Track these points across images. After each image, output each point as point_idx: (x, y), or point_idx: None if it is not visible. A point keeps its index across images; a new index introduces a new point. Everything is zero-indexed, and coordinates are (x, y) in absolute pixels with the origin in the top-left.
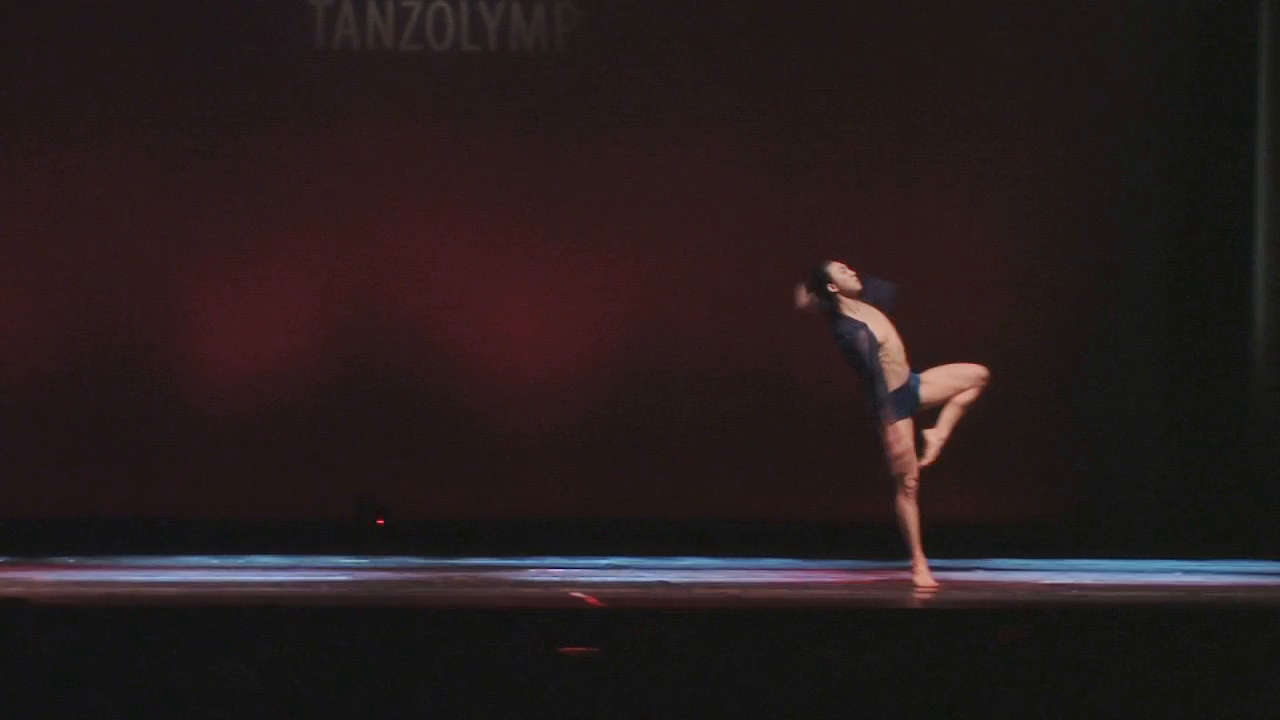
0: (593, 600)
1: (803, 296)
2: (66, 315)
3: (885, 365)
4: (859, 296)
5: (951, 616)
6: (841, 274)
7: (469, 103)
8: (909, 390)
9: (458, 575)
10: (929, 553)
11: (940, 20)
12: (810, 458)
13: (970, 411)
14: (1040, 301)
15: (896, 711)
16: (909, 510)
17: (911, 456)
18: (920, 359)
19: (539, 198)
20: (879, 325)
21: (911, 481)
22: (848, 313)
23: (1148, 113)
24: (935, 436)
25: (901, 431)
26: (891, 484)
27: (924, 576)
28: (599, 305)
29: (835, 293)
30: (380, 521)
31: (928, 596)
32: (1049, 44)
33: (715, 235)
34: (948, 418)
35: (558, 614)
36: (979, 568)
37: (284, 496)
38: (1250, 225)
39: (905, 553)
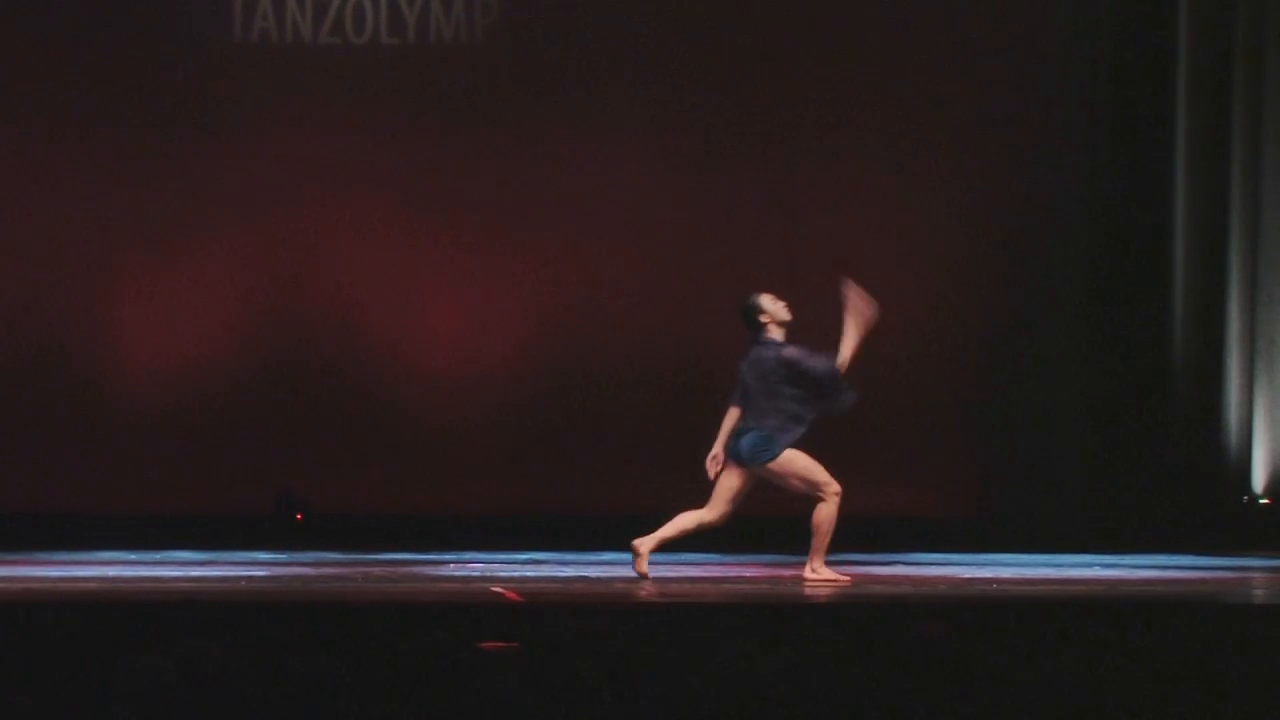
0: (513, 595)
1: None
2: None
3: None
4: (785, 327)
5: (870, 611)
6: (773, 304)
7: (389, 96)
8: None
9: (377, 570)
10: (850, 546)
11: (871, 26)
12: None
13: (891, 406)
14: (961, 298)
15: (816, 706)
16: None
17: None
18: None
19: (460, 192)
20: None
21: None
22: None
23: (1068, 112)
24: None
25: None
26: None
27: (830, 572)
28: (520, 300)
29: (766, 323)
30: (300, 517)
31: (843, 590)
32: (973, 51)
33: (640, 229)
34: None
35: (478, 609)
36: (898, 562)
37: (203, 491)
38: (1169, 224)
39: (808, 550)
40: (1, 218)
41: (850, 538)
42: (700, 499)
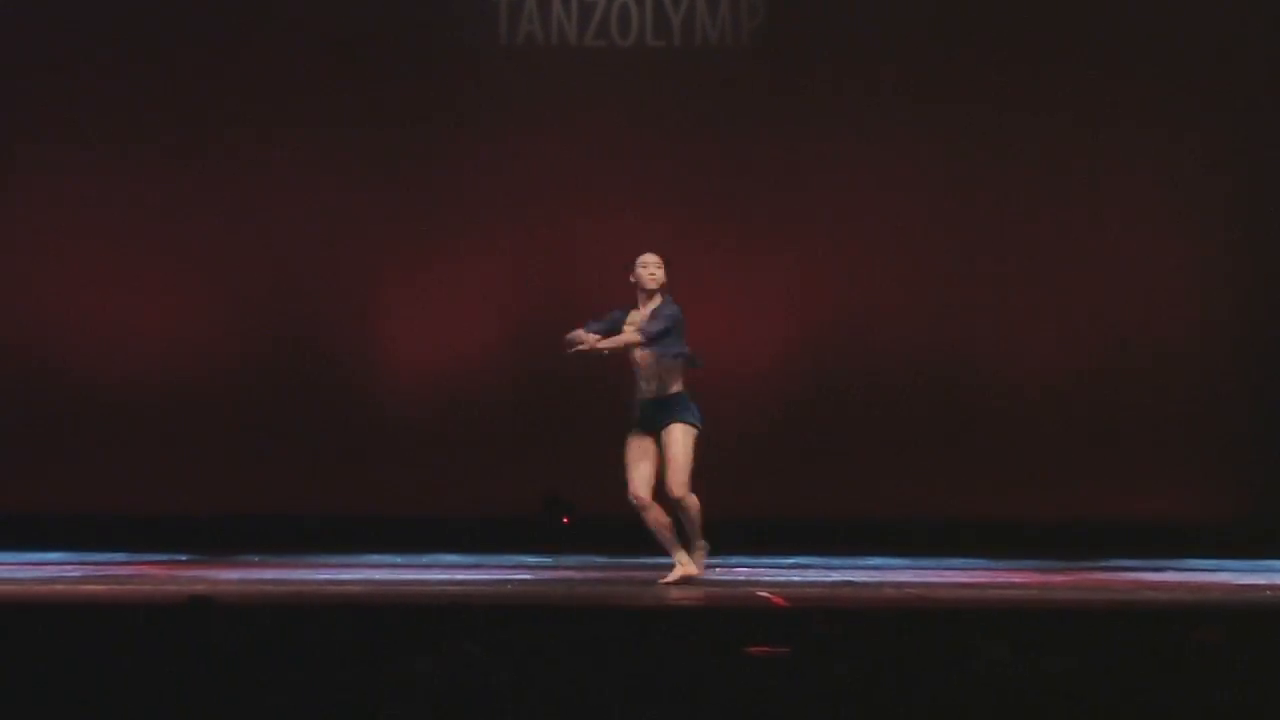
0: (779, 600)
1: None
2: (250, 313)
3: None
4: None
5: (1144, 618)
6: (642, 268)
7: (654, 99)
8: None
9: (642, 575)
10: (1120, 551)
11: (1140, 26)
12: (999, 457)
13: (1163, 409)
14: (1239, 298)
15: (1085, 715)
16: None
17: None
18: (1117, 363)
19: (727, 196)
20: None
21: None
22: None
23: None
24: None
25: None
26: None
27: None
28: (788, 303)
29: (631, 281)
30: (566, 520)
31: (1115, 596)
32: (1250, 53)
33: (907, 233)
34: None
35: (744, 614)
36: (1170, 568)
37: (469, 494)
38: None
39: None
40: (269, 221)
41: (1122, 543)
42: (967, 498)
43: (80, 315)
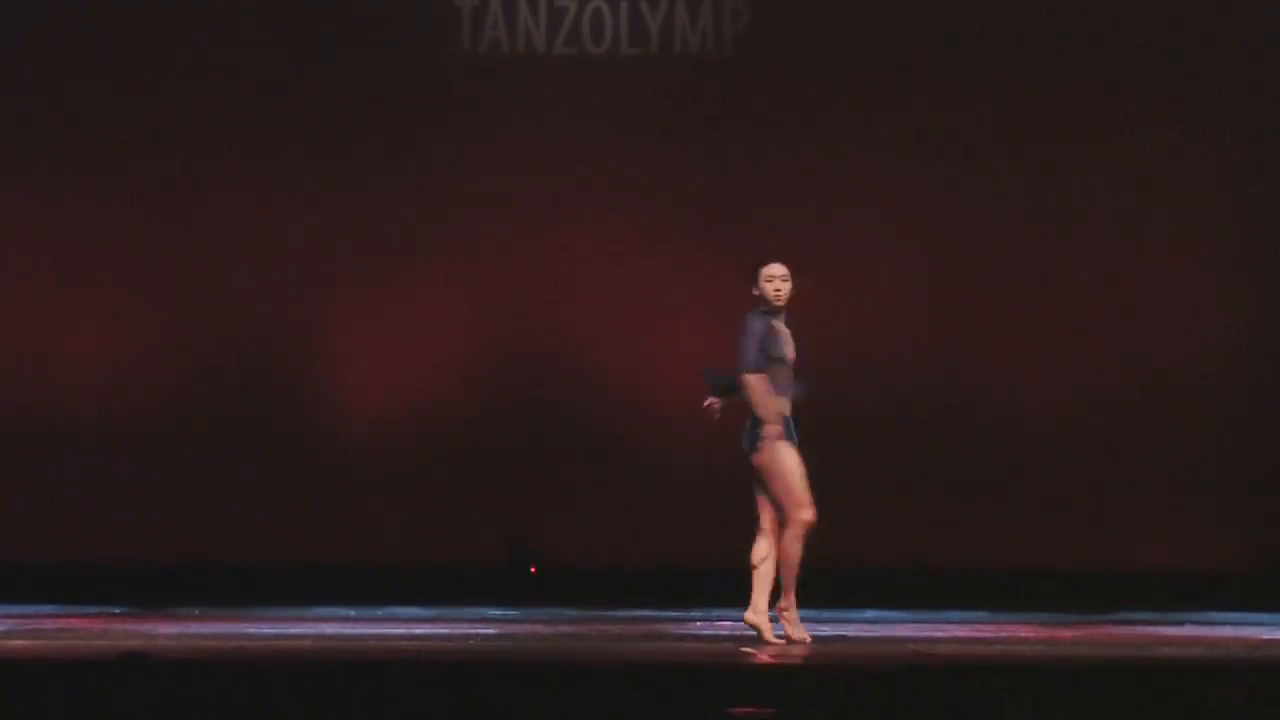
0: (765, 656)
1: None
2: (192, 345)
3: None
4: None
5: (1160, 674)
6: (767, 281)
7: (629, 111)
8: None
9: (617, 629)
10: (1139, 604)
11: (1145, 22)
12: (1004, 501)
13: (1184, 456)
14: (1257, 341)
15: None
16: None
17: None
18: (1132, 399)
19: (707, 211)
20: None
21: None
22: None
23: None
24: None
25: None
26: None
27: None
28: None
29: (755, 294)
30: (534, 570)
31: (1126, 651)
32: (1273, 57)
33: (900, 254)
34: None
35: (728, 671)
36: (1189, 621)
37: (428, 542)
38: None
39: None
40: (216, 242)
41: (1136, 594)
42: (969, 546)
43: (1, 346)
